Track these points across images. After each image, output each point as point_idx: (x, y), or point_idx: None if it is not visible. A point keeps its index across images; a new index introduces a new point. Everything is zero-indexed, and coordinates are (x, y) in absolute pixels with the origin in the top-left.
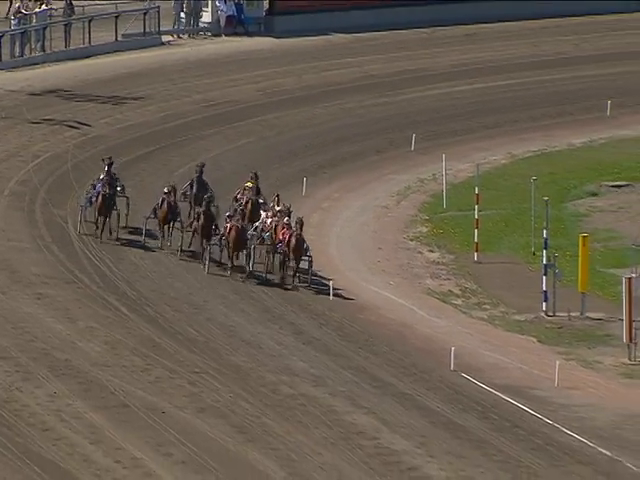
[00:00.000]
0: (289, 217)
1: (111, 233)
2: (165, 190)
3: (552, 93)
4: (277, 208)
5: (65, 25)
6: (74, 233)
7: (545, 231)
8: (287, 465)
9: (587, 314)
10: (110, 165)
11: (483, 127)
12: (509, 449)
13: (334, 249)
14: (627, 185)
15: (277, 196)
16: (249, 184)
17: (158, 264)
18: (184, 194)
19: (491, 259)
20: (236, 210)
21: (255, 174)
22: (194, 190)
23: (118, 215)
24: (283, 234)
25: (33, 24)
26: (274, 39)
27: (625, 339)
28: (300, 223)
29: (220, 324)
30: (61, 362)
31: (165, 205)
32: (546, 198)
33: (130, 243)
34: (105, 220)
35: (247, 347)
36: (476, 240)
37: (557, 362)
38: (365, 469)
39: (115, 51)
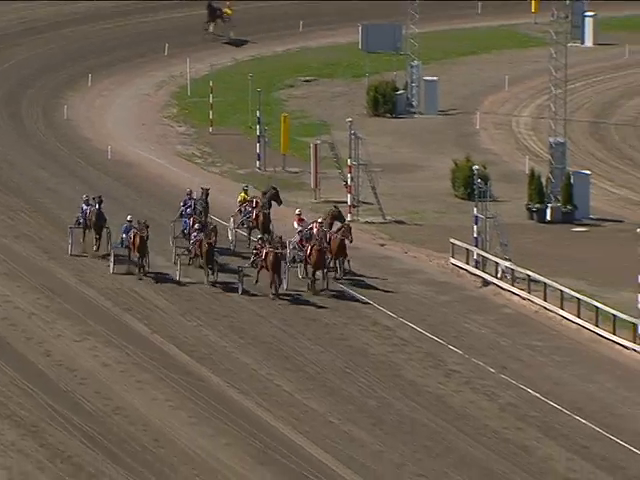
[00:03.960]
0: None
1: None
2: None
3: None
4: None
5: None
6: None
7: (258, 112)
8: None
9: (287, 169)
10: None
11: (215, 38)
12: None
13: (111, 124)
14: (313, 80)
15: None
16: (243, 195)
17: None
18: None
19: (221, 131)
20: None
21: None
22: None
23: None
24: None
25: None
26: None
27: (312, 185)
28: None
29: None
30: None
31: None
32: (259, 89)
33: None
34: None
35: None
36: (211, 118)
37: None
38: None
39: None
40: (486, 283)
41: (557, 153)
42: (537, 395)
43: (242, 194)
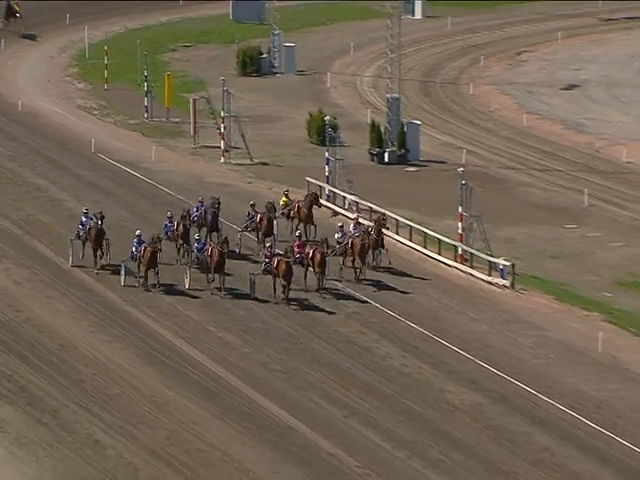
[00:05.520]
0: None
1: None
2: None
3: None
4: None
5: None
6: None
7: (146, 71)
8: None
9: (171, 119)
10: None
11: (110, 9)
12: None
13: (21, 82)
14: (192, 45)
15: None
16: (285, 199)
17: None
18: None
19: (115, 88)
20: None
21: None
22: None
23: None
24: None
25: None
26: None
27: (191, 133)
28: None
29: None
30: None
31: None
32: (146, 53)
33: None
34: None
35: None
36: (106, 76)
37: (153, 147)
38: None
39: None
40: (335, 213)
41: (393, 106)
42: (377, 305)
43: (284, 198)
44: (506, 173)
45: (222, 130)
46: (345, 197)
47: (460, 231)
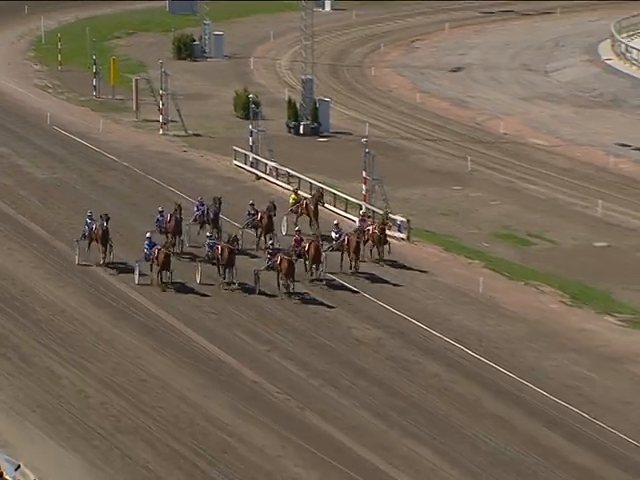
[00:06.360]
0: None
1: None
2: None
3: None
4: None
5: None
6: None
7: (94, 55)
8: None
9: (116, 97)
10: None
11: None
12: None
13: None
14: (134, 33)
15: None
16: (294, 197)
17: None
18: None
19: (67, 69)
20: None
21: (295, 190)
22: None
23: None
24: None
25: None
26: None
27: (134, 108)
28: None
29: None
30: None
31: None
32: (94, 39)
33: None
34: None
35: None
36: (59, 59)
37: (101, 120)
38: None
39: None
40: (258, 178)
41: (307, 86)
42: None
43: (293, 196)
44: (402, 143)
45: (160, 106)
46: (267, 164)
47: (364, 192)
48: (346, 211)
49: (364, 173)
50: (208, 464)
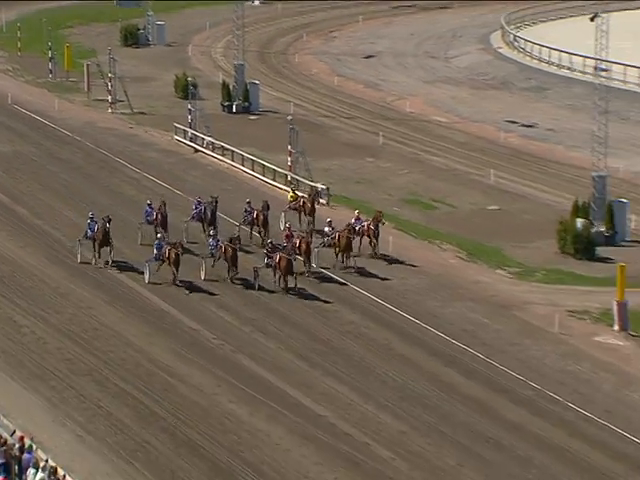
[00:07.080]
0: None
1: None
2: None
3: None
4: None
5: None
6: None
7: (50, 42)
8: None
9: (70, 79)
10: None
11: None
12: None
13: None
14: (86, 23)
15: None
16: (292, 195)
17: None
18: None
19: (26, 55)
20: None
21: (293, 189)
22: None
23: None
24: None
25: None
26: None
27: (86, 90)
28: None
29: None
30: None
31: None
32: (50, 28)
33: None
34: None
35: None
36: (19, 46)
37: (56, 100)
38: None
39: None
40: (196, 151)
41: (239, 70)
42: (232, 220)
43: (291, 194)
44: (323, 120)
45: (109, 87)
46: (204, 138)
47: (289, 163)
48: (274, 180)
49: (289, 147)
50: (152, 401)
